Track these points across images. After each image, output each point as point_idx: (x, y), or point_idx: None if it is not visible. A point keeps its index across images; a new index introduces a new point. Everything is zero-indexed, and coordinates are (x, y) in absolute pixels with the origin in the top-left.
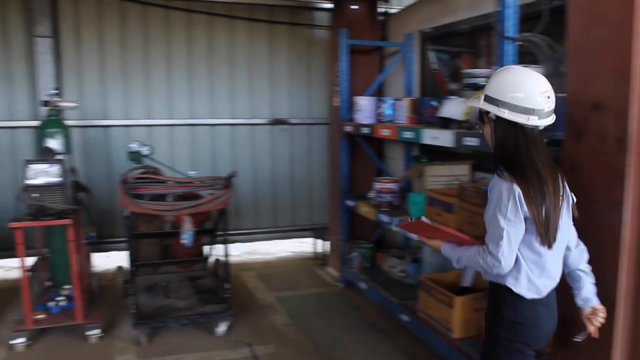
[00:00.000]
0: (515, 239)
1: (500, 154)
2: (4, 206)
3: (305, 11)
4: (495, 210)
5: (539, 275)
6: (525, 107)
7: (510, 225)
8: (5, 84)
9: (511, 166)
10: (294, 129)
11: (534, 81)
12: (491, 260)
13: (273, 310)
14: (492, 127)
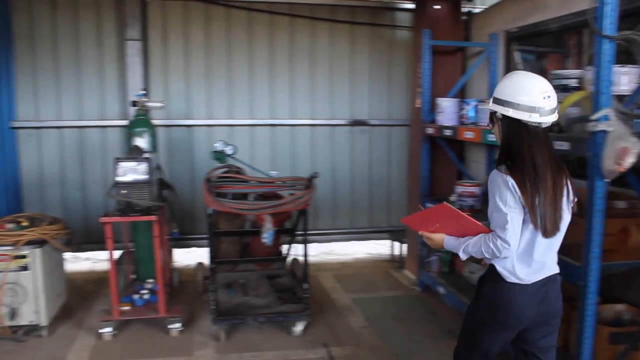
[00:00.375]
0: (517, 224)
1: (504, 149)
2: (94, 201)
3: (387, 12)
4: (496, 200)
5: (524, 264)
6: (527, 106)
7: (512, 211)
8: (98, 85)
9: (512, 160)
10: (374, 130)
11: (535, 83)
12: (501, 244)
13: (349, 312)
14: (499, 126)
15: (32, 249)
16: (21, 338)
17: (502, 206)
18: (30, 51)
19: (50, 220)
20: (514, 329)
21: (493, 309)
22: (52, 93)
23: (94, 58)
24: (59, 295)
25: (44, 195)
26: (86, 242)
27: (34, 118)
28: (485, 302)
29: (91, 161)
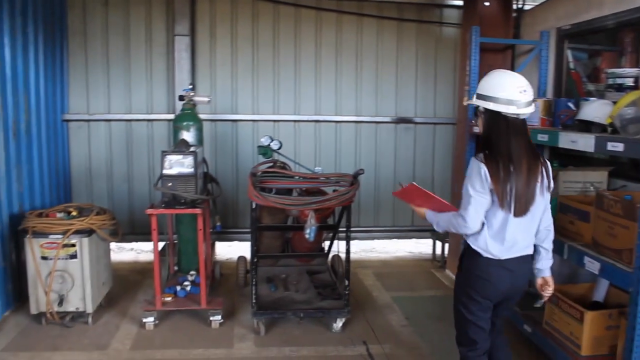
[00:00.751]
0: (481, 207)
1: (485, 138)
2: (140, 193)
3: (434, 8)
4: (467, 183)
5: (497, 241)
6: (506, 99)
7: (477, 195)
8: (146, 80)
9: (490, 148)
10: (418, 128)
11: (512, 79)
12: (461, 221)
13: (389, 310)
14: (482, 118)
15: (81, 238)
16: (68, 324)
17: (470, 190)
18: (83, 46)
19: (98, 210)
20: (491, 299)
21: (473, 280)
22: (102, 87)
23: (143, 53)
24: (104, 284)
25: (91, 186)
26: (131, 232)
27: (85, 111)
28: (466, 274)
29: (138, 154)
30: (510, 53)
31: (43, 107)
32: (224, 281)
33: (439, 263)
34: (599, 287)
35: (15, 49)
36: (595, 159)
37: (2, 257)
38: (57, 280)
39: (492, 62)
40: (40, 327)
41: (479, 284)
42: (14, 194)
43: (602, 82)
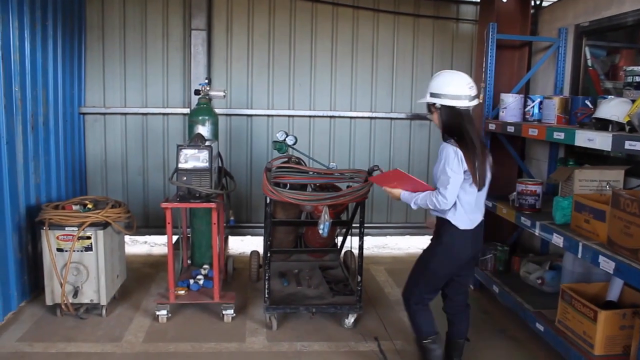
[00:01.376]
0: (456, 185)
1: (447, 129)
2: (154, 186)
3: (451, 4)
4: (445, 165)
5: (472, 211)
6: (457, 95)
7: (455, 175)
8: (162, 74)
9: (455, 136)
10: (433, 124)
11: (460, 77)
12: (442, 199)
13: (401, 307)
14: (438, 114)
15: (96, 230)
16: (82, 315)
17: (448, 170)
18: (100, 40)
19: (113, 203)
20: (461, 263)
21: (453, 251)
22: (119, 80)
23: (159, 47)
24: (118, 277)
25: (106, 178)
26: (145, 225)
27: (101, 104)
28: (446, 246)
29: (153, 147)
30: (527, 50)
31: (61, 101)
32: (237, 275)
33: None
34: (613, 287)
35: (35, 42)
36: (611, 158)
37: (18, 249)
38: (72, 272)
39: (508, 59)
40: (55, 318)
41: (456, 252)
42: (31, 186)
43: (620, 79)
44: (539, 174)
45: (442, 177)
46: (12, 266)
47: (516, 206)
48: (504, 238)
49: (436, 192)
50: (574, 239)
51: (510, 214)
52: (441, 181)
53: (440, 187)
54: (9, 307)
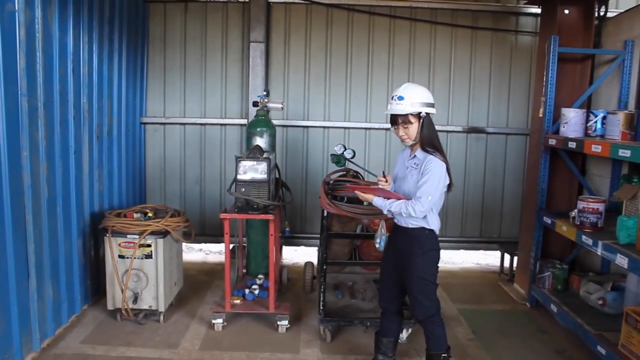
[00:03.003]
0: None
1: (427, 140)
2: (211, 195)
3: (510, 16)
4: (434, 179)
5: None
6: (432, 103)
7: (440, 189)
8: (221, 85)
9: (434, 148)
10: (490, 138)
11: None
12: (419, 208)
13: (455, 322)
14: (420, 123)
15: (156, 238)
16: (141, 321)
17: (435, 184)
18: (162, 52)
19: (172, 212)
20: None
21: (437, 255)
22: (179, 91)
23: (218, 59)
24: (175, 284)
25: (165, 187)
26: (201, 234)
27: (161, 114)
28: (433, 253)
29: (210, 157)
30: (590, 63)
31: (124, 111)
32: (291, 286)
33: (507, 276)
34: None
35: (102, 55)
36: None
37: (82, 254)
38: (133, 279)
39: (569, 72)
40: (115, 323)
41: (439, 254)
42: (95, 194)
43: None
44: (600, 190)
45: (426, 188)
46: (76, 270)
47: (577, 224)
48: (561, 255)
49: (414, 202)
50: (639, 260)
51: (571, 232)
52: (423, 190)
53: (422, 196)
54: (73, 310)
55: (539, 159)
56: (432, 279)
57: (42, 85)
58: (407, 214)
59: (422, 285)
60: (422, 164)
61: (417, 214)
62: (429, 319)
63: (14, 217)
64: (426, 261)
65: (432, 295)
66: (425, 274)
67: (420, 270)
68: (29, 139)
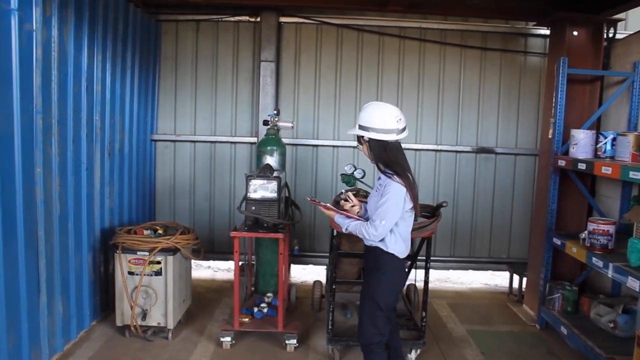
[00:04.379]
0: (392, 222)
1: (379, 161)
2: (220, 212)
3: (519, 37)
4: (387, 201)
5: (408, 239)
6: (386, 129)
7: (395, 213)
8: (231, 104)
9: (391, 170)
10: (499, 158)
11: (389, 110)
12: (372, 231)
13: (464, 343)
14: (367, 146)
15: (166, 256)
16: (149, 338)
17: (391, 207)
18: (173, 70)
19: (182, 229)
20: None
21: (396, 278)
22: (189, 109)
23: (229, 78)
24: (184, 301)
25: (174, 203)
26: (210, 251)
27: (171, 132)
28: (392, 274)
29: (220, 174)
30: (599, 84)
31: (135, 128)
32: (299, 304)
33: (516, 297)
34: None
35: (115, 73)
36: None
37: (92, 270)
38: (142, 295)
39: (579, 93)
40: (123, 339)
41: (399, 279)
42: (105, 210)
43: None
44: (610, 212)
45: (380, 212)
46: (86, 286)
47: (587, 246)
48: (571, 277)
49: (368, 224)
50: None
51: (581, 254)
52: (377, 214)
53: (376, 219)
54: (82, 326)
55: (548, 180)
56: (381, 304)
57: (57, 103)
58: (362, 236)
59: (369, 307)
60: (383, 187)
61: (370, 237)
62: (368, 346)
63: (26, 231)
64: (380, 283)
65: (378, 321)
66: (376, 296)
67: (370, 291)
68: (43, 155)
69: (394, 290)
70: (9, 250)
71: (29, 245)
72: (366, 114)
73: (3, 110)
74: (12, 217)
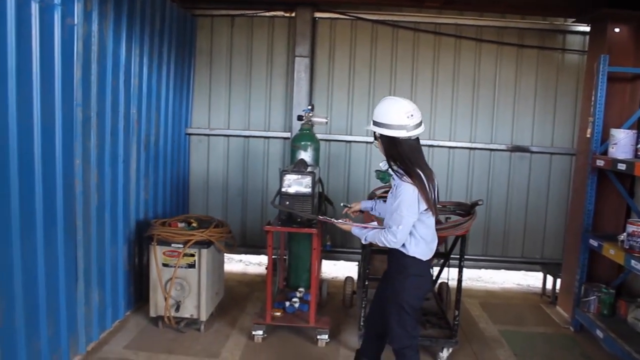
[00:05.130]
0: (409, 225)
1: (392, 159)
2: (252, 207)
3: (557, 34)
4: (401, 204)
5: (432, 240)
6: (396, 125)
7: (409, 215)
8: (265, 99)
9: (403, 168)
10: (534, 157)
11: (399, 106)
12: (391, 238)
13: (496, 344)
14: (380, 142)
15: (200, 248)
16: (182, 329)
17: (404, 210)
18: (208, 65)
19: (216, 223)
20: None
21: (422, 282)
22: (224, 103)
23: (263, 73)
24: (217, 294)
25: (207, 197)
26: (242, 244)
27: (206, 126)
28: (415, 278)
29: (253, 169)
30: None
31: (170, 122)
32: (330, 300)
33: (549, 298)
34: None
35: (152, 67)
36: None
37: (127, 261)
38: (176, 287)
39: (619, 92)
40: (156, 330)
41: (424, 282)
42: (141, 202)
43: None
44: None
45: (395, 216)
46: (121, 277)
47: (626, 248)
48: (608, 279)
49: (386, 231)
50: None
51: (619, 256)
52: (393, 219)
53: (393, 225)
54: (117, 315)
55: (585, 180)
56: (407, 307)
57: (96, 96)
58: (382, 244)
59: (396, 312)
60: (395, 189)
61: (390, 244)
62: (401, 350)
63: (65, 222)
64: (405, 287)
65: (407, 324)
66: (401, 300)
67: (396, 296)
68: (82, 148)
69: (419, 293)
70: (49, 239)
71: (68, 235)
72: (378, 109)
73: (46, 102)
74: (52, 208)
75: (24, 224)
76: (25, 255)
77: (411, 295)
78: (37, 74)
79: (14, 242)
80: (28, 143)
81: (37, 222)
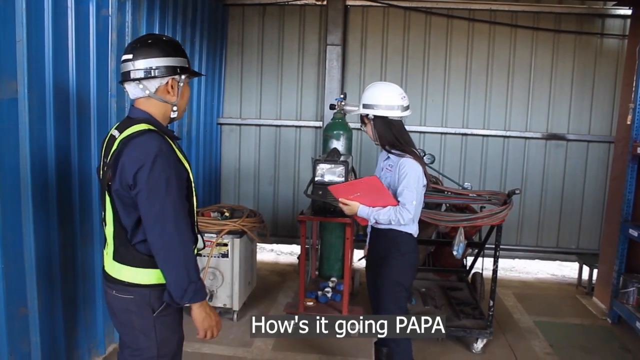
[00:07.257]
0: (421, 201)
1: (385, 141)
2: (284, 196)
3: (595, 19)
4: (410, 181)
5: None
6: (390, 105)
7: (420, 191)
8: (297, 88)
9: (397, 148)
10: (570, 145)
11: (392, 87)
12: (406, 214)
13: (531, 335)
14: (372, 125)
15: (233, 238)
16: None
17: (414, 186)
18: (239, 55)
19: (249, 212)
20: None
21: (415, 258)
22: (255, 93)
23: (295, 62)
24: (249, 284)
25: (239, 186)
26: (273, 234)
27: (237, 116)
28: (411, 255)
29: (284, 158)
30: None
31: (202, 112)
32: (362, 289)
33: (585, 289)
34: None
35: None
36: None
37: None
38: (209, 277)
39: None
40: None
41: (415, 259)
42: None
43: None
44: None
45: (407, 193)
46: None
47: None
48: None
49: (400, 208)
50: None
51: None
52: (405, 196)
53: (406, 202)
54: None
55: (624, 168)
56: (406, 285)
57: None
58: (397, 222)
59: (394, 290)
60: (397, 167)
61: (406, 221)
62: None
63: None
64: (402, 265)
65: (403, 304)
66: (400, 278)
67: (394, 274)
68: None
69: (413, 271)
70: (85, 227)
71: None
72: (369, 92)
73: (82, 93)
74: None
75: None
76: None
77: (408, 274)
78: (72, 65)
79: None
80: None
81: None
